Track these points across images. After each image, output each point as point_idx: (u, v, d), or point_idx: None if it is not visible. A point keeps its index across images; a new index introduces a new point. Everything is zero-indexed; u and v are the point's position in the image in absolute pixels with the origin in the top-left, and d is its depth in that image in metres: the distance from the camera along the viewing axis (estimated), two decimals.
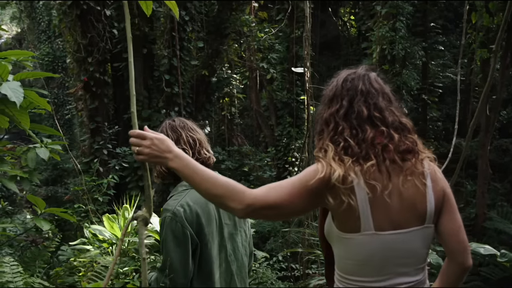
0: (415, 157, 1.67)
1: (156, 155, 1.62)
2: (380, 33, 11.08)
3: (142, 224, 1.43)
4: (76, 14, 9.32)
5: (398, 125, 1.69)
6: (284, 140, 13.64)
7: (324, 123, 1.75)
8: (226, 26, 10.60)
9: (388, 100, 1.75)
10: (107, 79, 10.13)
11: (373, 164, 1.59)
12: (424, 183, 1.66)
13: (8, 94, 1.73)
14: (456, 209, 1.75)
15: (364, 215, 1.59)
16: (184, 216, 2.16)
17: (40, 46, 23.12)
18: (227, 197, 1.59)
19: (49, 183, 18.15)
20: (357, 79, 1.76)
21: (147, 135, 1.64)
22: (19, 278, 2.08)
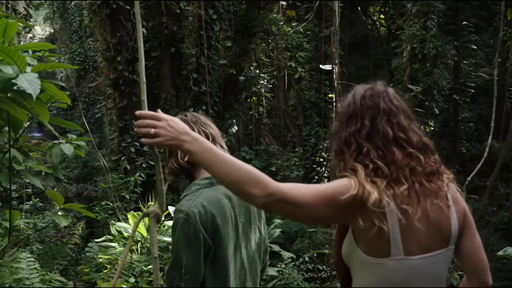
0: (439, 179, 1.64)
1: (173, 137, 1.50)
2: (411, 31, 10.88)
3: (154, 221, 1.35)
4: (105, 13, 9.40)
5: (422, 145, 1.66)
6: (312, 140, 13.54)
7: (344, 144, 1.67)
8: (254, 24, 10.55)
9: (409, 118, 1.70)
10: (136, 77, 10.19)
11: (406, 189, 1.54)
12: (448, 205, 1.65)
13: (24, 86, 1.67)
14: (475, 228, 1.74)
15: (395, 240, 1.55)
16: (199, 218, 2.06)
17: (71, 46, 23.56)
18: (249, 183, 1.46)
19: (79, 181, 18.45)
20: (377, 96, 1.69)
21: (162, 116, 1.53)
22: (35, 274, 2.04)
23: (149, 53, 10.02)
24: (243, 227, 2.27)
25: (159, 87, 10.20)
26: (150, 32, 9.92)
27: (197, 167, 2.24)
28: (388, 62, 16.19)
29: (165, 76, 10.07)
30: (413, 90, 10.98)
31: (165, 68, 10.04)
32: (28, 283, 1.83)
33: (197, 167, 2.25)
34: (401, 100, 1.74)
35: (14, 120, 2.19)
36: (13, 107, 1.85)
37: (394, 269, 1.57)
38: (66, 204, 2.48)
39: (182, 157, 2.20)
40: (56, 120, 2.58)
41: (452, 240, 1.65)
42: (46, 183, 2.82)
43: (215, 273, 2.13)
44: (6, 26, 1.70)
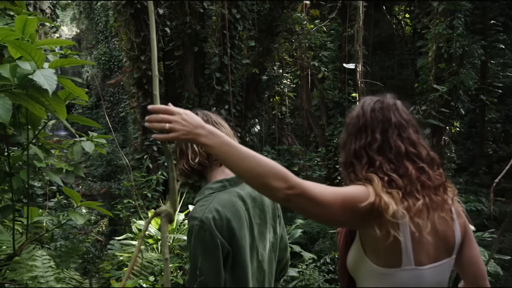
0: (445, 192, 1.68)
1: (188, 131, 1.43)
2: (437, 30, 10.72)
3: (165, 220, 1.26)
4: (130, 13, 9.48)
5: (430, 160, 1.69)
6: (335, 140, 13.43)
7: (354, 156, 1.68)
8: (277, 24, 10.50)
9: (417, 132, 1.72)
10: (160, 77, 10.24)
11: (421, 204, 1.56)
12: (452, 217, 1.70)
13: (40, 82, 1.63)
14: (474, 239, 1.80)
15: (407, 251, 1.58)
16: (214, 224, 1.98)
17: (97, 45, 23.87)
18: (271, 176, 1.41)
19: (103, 179, 18.71)
20: (387, 109, 1.70)
21: (175, 109, 1.46)
22: (50, 272, 2.02)
23: (172, 53, 10.07)
24: (259, 228, 2.22)
25: (182, 86, 10.24)
26: (173, 32, 9.97)
27: (209, 168, 2.20)
28: (413, 61, 16.00)
29: (188, 75, 10.10)
30: (438, 90, 10.82)
31: (188, 68, 10.08)
32: (42, 281, 1.82)
33: (208, 169, 2.20)
34: (409, 113, 1.75)
35: (33, 117, 2.18)
36: (32, 104, 1.82)
37: (405, 279, 1.60)
38: (83, 202, 2.47)
39: (193, 158, 2.15)
40: (75, 117, 2.57)
41: (455, 250, 1.71)
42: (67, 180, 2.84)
43: (234, 278, 2.09)
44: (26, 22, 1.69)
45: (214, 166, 2.19)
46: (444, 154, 11.93)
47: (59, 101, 1.95)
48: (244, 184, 2.16)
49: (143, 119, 10.01)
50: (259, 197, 2.21)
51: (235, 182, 2.15)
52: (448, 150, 12.07)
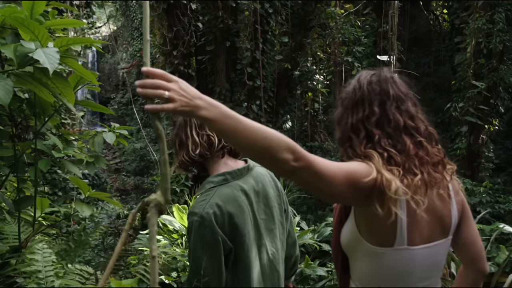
0: (444, 169, 1.62)
1: (186, 102, 1.20)
2: (476, 25, 10.40)
3: (154, 211, 1.05)
4: (162, 8, 9.50)
5: (428, 134, 1.63)
6: None
7: (351, 130, 1.61)
8: (310, 18, 10.36)
9: (415, 105, 1.66)
10: (191, 72, 10.25)
11: (419, 179, 1.50)
12: (449, 195, 1.65)
13: (41, 60, 1.51)
14: (472, 218, 1.74)
15: (401, 230, 1.53)
16: (214, 220, 1.90)
17: (133, 42, 24.16)
18: (280, 147, 1.27)
19: (136, 174, 18.97)
20: (384, 82, 1.64)
21: (172, 76, 1.22)
22: (50, 267, 1.93)
23: (204, 48, 10.05)
24: (266, 224, 2.11)
25: (213, 81, 10.21)
26: (205, 26, 9.94)
27: (210, 160, 2.09)
28: (451, 58, 15.60)
29: (220, 70, 10.06)
30: (477, 86, 10.51)
31: (220, 63, 10.04)
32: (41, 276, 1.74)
33: (210, 160, 2.10)
34: (407, 87, 1.69)
35: (42, 102, 2.08)
36: (38, 87, 1.72)
37: (396, 259, 1.55)
38: (92, 192, 2.40)
39: (194, 149, 2.04)
40: (84, 103, 2.47)
41: (451, 231, 1.65)
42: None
43: (235, 277, 2.00)
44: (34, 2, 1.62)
45: (215, 158, 2.10)
46: (482, 153, 11.59)
47: (66, 84, 1.83)
48: (247, 177, 2.08)
49: (174, 114, 10.03)
50: (262, 191, 2.12)
51: (237, 175, 2.06)
52: (486, 149, 11.72)
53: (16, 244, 2.07)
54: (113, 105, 24.56)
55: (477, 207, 8.85)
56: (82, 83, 2.13)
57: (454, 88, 11.96)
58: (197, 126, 2.06)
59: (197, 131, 2.06)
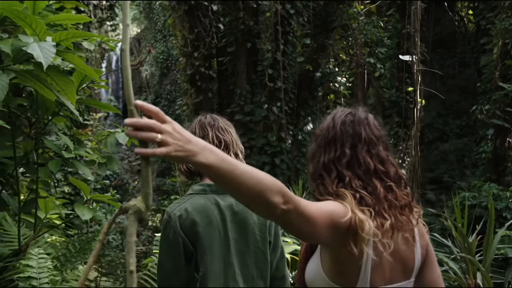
0: (410, 212, 1.63)
1: (181, 146, 1.10)
2: (503, 26, 10.16)
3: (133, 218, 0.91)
4: (184, 9, 9.51)
5: (397, 178, 1.63)
6: (391, 140, 13.03)
7: (323, 169, 1.63)
8: (332, 19, 10.25)
9: (386, 149, 1.67)
10: (212, 74, 10.24)
11: (390, 224, 1.51)
12: (414, 239, 1.66)
13: (35, 54, 1.45)
14: (435, 260, 1.76)
15: (366, 271, 1.53)
16: (179, 222, 2.01)
17: (156, 44, 24.32)
18: (271, 191, 1.23)
19: (158, 175, 19.06)
20: (357, 123, 1.65)
21: (166, 116, 1.10)
22: (45, 274, 1.87)
23: (225, 49, 10.02)
24: (237, 245, 2.15)
25: (234, 83, 10.18)
26: (226, 28, 9.92)
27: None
28: (476, 60, 15.31)
29: (241, 71, 10.02)
30: (504, 88, 10.26)
31: (241, 64, 10.00)
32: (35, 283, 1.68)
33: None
34: (381, 129, 1.70)
35: (45, 100, 2.01)
36: (39, 85, 1.67)
37: None
38: (93, 195, 2.35)
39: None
40: (87, 101, 2.43)
41: (414, 273, 1.66)
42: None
43: (197, 282, 2.07)
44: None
45: None
46: (508, 157, 11.32)
47: (66, 81, 1.75)
48: (227, 196, 2.12)
49: (195, 116, 10.03)
50: (242, 213, 2.14)
51: (217, 189, 2.12)
52: None
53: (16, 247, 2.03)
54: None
55: (504, 212, 8.62)
56: (87, 81, 2.07)
57: (480, 90, 11.71)
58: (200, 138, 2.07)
59: None
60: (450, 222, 3.98)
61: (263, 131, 9.74)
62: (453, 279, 3.70)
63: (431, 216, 9.24)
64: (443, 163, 15.54)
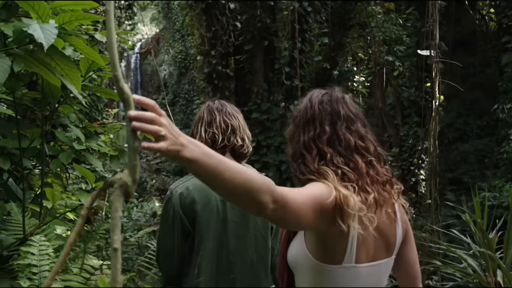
0: (391, 188, 1.65)
1: (174, 141, 1.08)
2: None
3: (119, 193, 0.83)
4: (201, 7, 9.52)
5: (377, 154, 1.66)
6: (410, 140, 12.90)
7: (304, 147, 1.64)
8: (350, 17, 10.16)
9: (365, 126, 1.69)
10: (230, 72, 10.23)
11: (373, 198, 1.53)
12: (395, 214, 1.68)
13: (36, 35, 1.41)
14: (413, 240, 1.79)
15: (352, 247, 1.54)
16: (180, 199, 2.10)
17: (174, 44, 24.44)
18: (260, 190, 1.22)
19: (176, 173, 19.18)
20: (335, 102, 1.68)
21: (162, 111, 1.08)
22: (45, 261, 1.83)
23: (242, 47, 9.99)
24: (236, 228, 2.20)
25: (251, 81, 10.15)
26: (243, 26, 9.89)
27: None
28: (497, 59, 15.05)
29: (258, 70, 9.99)
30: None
31: (258, 62, 9.96)
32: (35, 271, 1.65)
33: None
34: (357, 108, 1.73)
35: (51, 87, 1.95)
36: (43, 70, 1.63)
37: (342, 277, 1.56)
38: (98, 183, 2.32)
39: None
40: (93, 88, 2.37)
41: (395, 250, 1.68)
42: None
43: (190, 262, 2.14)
44: None
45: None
46: None
47: (71, 65, 1.70)
48: None
49: None
50: None
51: None
52: None
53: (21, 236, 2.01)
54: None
55: None
56: (94, 68, 2.04)
57: (501, 90, 11.52)
58: (207, 123, 2.20)
59: (205, 128, 2.20)
60: (468, 216, 3.89)
61: (280, 130, 9.70)
62: (472, 277, 3.61)
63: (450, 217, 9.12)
64: (463, 163, 15.32)
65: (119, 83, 0.80)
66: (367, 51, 12.97)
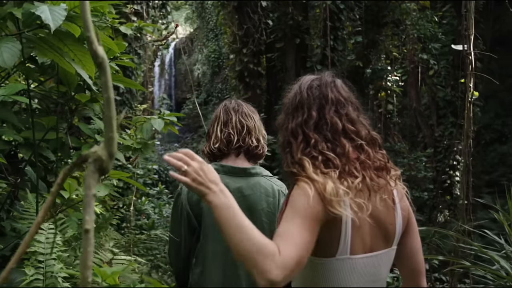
0: (387, 174, 1.60)
1: (201, 182, 1.37)
2: None
3: (93, 168, 0.74)
4: (233, 5, 9.53)
5: (370, 139, 1.60)
6: (446, 141, 12.61)
7: (291, 134, 1.61)
8: (384, 14, 9.99)
9: (357, 110, 1.65)
10: (261, 70, 10.21)
11: (359, 181, 1.47)
12: (394, 201, 1.60)
13: (43, 16, 1.40)
14: (417, 229, 1.70)
15: (346, 238, 1.48)
16: (188, 196, 2.16)
17: (208, 43, 24.61)
18: (262, 254, 1.28)
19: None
20: (324, 86, 1.63)
21: (197, 157, 1.42)
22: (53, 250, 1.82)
23: (274, 45, 9.96)
24: None
25: (283, 79, 10.11)
26: (275, 23, 9.86)
27: (227, 155, 2.27)
28: None
29: (289, 68, 9.94)
30: None
31: (290, 60, 9.92)
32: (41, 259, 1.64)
33: (226, 156, 2.27)
34: (350, 91, 1.69)
35: (67, 74, 1.93)
36: (57, 56, 1.62)
37: (338, 269, 1.50)
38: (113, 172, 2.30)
39: (215, 143, 2.24)
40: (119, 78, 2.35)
41: (395, 240, 1.61)
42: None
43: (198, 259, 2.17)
44: None
45: (232, 154, 2.26)
46: None
47: (84, 51, 1.66)
48: (240, 179, 2.21)
49: None
50: (251, 198, 2.20)
51: (228, 171, 2.20)
52: None
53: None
54: (188, 105, 25.14)
55: None
56: (110, 55, 2.02)
57: None
58: (223, 123, 2.25)
59: (221, 128, 2.25)
60: (502, 215, 3.76)
61: None
62: (505, 279, 3.48)
63: (486, 220, 8.86)
64: (501, 165, 14.90)
65: (92, 46, 0.74)
66: (401, 49, 12.73)
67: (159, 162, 14.14)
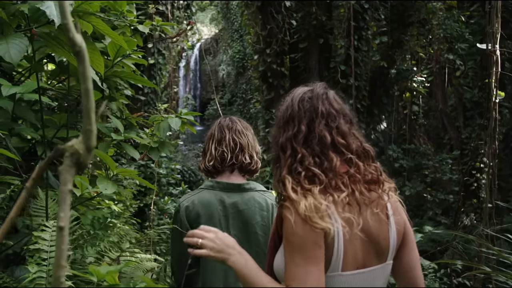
0: (380, 187, 1.54)
1: (219, 250, 1.50)
2: None
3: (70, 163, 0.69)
4: (256, 5, 9.51)
5: (362, 152, 1.56)
6: (473, 143, 12.36)
7: (280, 149, 1.59)
8: (410, 14, 9.84)
9: (349, 122, 1.60)
10: (285, 71, 10.16)
11: (346, 196, 1.44)
12: (387, 215, 1.55)
13: (48, 11, 1.37)
14: (414, 242, 1.66)
15: (338, 254, 1.44)
16: (186, 212, 2.23)
17: (232, 44, 24.66)
18: None
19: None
20: (315, 98, 1.59)
21: (212, 228, 1.54)
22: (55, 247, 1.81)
23: (297, 45, 9.90)
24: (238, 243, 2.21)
25: (306, 79, 10.03)
26: (299, 24, 9.81)
27: (221, 172, 2.34)
28: None
29: (313, 68, 9.88)
30: None
31: (313, 60, 9.85)
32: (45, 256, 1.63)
33: (220, 172, 2.34)
34: (343, 103, 1.64)
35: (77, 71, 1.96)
36: (66, 53, 1.60)
37: (329, 286, 1.44)
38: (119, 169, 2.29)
39: (209, 160, 2.31)
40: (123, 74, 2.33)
41: (390, 255, 1.55)
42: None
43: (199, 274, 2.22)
44: None
45: (226, 171, 2.34)
46: None
47: (92, 48, 1.64)
48: (235, 194, 2.29)
49: (265, 112, 10.00)
50: (246, 213, 2.27)
51: (224, 187, 2.29)
52: None
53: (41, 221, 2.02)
54: (213, 106, 25.22)
55: None
56: (122, 53, 2.02)
57: None
58: (217, 141, 2.34)
59: (216, 146, 2.34)
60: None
61: None
62: None
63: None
64: None
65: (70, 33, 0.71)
66: (427, 49, 12.52)
67: (183, 162, 14.20)
